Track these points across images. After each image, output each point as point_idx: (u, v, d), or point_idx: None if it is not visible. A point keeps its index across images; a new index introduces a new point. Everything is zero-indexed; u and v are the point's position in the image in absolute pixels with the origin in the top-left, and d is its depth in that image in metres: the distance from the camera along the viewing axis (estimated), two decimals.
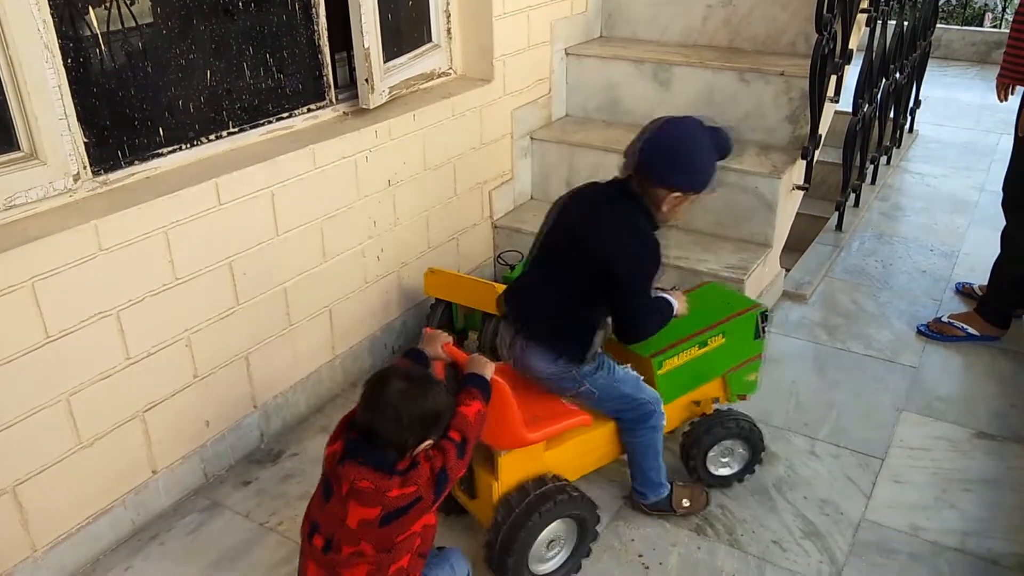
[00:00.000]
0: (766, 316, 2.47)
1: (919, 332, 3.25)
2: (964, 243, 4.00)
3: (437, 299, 3.04)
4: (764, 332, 2.47)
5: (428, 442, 1.65)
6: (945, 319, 3.24)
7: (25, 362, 1.96)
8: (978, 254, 3.77)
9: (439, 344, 1.94)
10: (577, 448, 2.19)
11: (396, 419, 1.60)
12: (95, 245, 2.05)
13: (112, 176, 2.22)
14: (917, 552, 2.24)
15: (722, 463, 2.43)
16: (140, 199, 2.16)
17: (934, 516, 2.36)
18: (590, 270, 2.00)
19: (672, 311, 2.15)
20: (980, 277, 3.45)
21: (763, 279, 3.27)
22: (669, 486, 2.30)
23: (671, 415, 2.32)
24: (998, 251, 3.17)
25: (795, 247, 3.76)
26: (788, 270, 3.61)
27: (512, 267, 3.24)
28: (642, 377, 2.19)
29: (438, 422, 1.67)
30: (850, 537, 2.28)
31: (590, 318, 2.07)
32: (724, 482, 2.44)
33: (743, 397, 2.51)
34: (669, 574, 2.17)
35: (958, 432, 2.70)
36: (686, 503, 2.31)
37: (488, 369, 1.86)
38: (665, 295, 2.18)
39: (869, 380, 2.98)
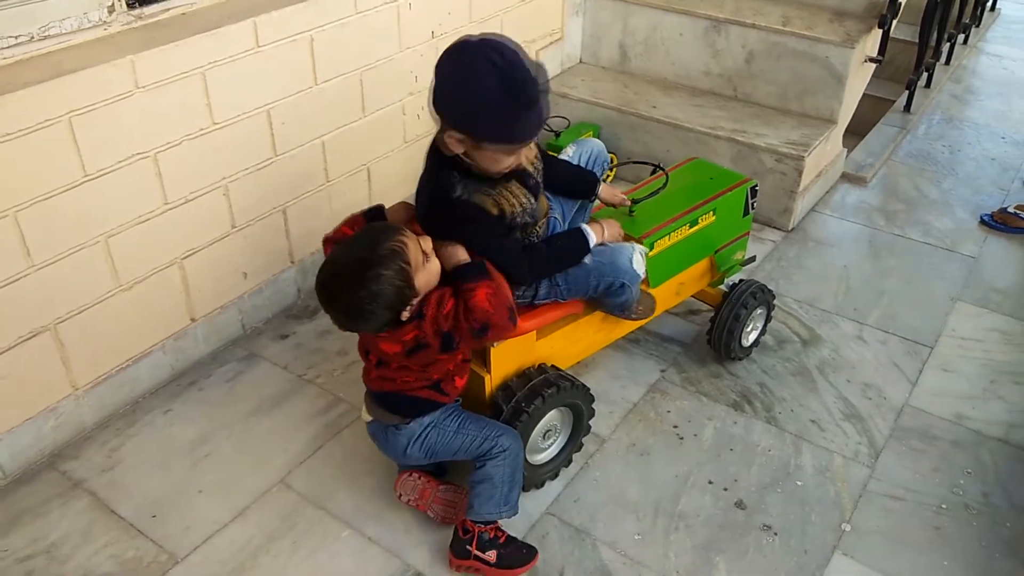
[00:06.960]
0: (755, 191, 2.37)
1: (982, 222, 3.11)
2: None
3: None
4: (753, 208, 2.38)
5: (410, 307, 1.61)
6: (1011, 209, 3.10)
7: (64, 199, 1.93)
8: None
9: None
10: (569, 336, 2.10)
11: (356, 320, 1.63)
12: (132, 82, 1.97)
13: (147, 10, 2.11)
14: (960, 440, 2.20)
15: (748, 332, 2.40)
16: (176, 36, 2.06)
17: (980, 406, 2.30)
18: None
19: (581, 245, 1.91)
20: None
21: (823, 158, 3.11)
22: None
23: (662, 297, 2.25)
24: None
25: (855, 131, 3.56)
26: (849, 151, 3.43)
27: (557, 134, 3.11)
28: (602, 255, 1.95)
29: (399, 298, 1.58)
30: (891, 422, 2.24)
31: None
32: (755, 347, 2.44)
33: (744, 264, 2.45)
34: (703, 446, 2.16)
35: (1013, 325, 2.60)
36: (641, 308, 2.18)
37: (460, 253, 1.71)
38: (583, 227, 1.93)
39: (925, 268, 2.86)
